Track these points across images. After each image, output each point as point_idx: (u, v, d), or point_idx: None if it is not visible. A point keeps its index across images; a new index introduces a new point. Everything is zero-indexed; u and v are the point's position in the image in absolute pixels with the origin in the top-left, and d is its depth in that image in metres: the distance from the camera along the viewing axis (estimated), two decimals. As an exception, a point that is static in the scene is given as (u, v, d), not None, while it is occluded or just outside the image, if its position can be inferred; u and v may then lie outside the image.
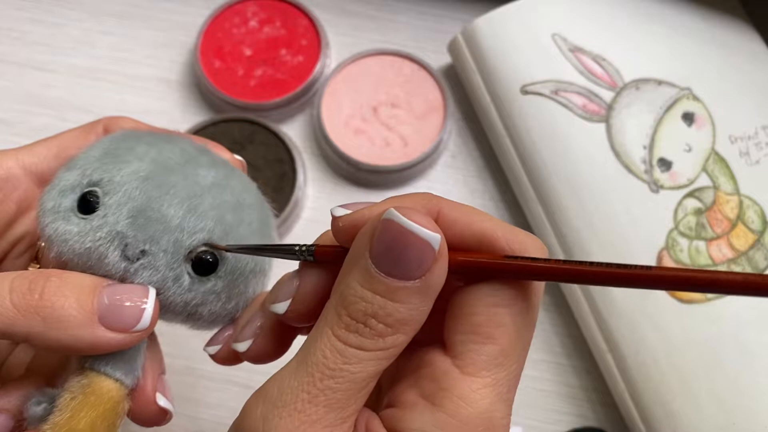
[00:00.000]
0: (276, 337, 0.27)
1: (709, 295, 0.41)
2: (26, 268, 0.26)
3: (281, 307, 0.25)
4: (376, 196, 0.49)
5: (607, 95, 0.45)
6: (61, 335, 0.23)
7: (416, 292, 0.21)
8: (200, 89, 0.52)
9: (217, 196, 0.26)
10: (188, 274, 0.26)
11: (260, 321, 0.27)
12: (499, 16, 0.47)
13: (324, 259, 0.25)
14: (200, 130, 0.48)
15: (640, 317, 0.41)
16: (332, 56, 0.53)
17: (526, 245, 0.22)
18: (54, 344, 0.23)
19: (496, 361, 0.22)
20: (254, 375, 0.43)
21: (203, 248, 0.26)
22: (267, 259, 0.28)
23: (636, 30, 0.47)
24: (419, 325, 0.22)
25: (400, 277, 0.21)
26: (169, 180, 0.26)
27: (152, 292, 0.25)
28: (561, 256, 0.44)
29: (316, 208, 0.48)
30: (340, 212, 0.24)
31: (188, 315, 0.27)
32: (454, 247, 0.22)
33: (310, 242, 0.26)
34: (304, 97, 0.50)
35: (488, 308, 0.22)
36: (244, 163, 0.31)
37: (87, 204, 0.25)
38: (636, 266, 0.20)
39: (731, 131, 0.45)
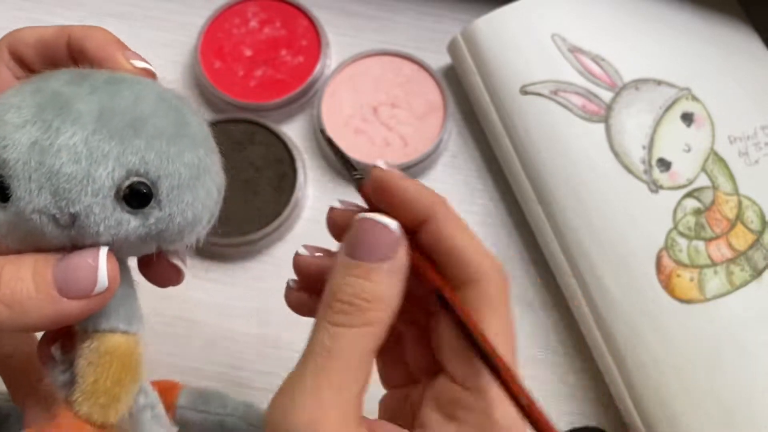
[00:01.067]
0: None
1: (709, 295, 0.41)
2: None
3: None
4: (377, 196, 0.49)
5: (607, 95, 0.45)
6: (27, 318, 0.24)
7: (387, 272, 0.25)
8: (201, 89, 0.52)
9: (109, 125, 0.24)
10: (128, 212, 0.24)
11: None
12: (499, 17, 0.48)
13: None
14: (201, 131, 0.48)
15: (640, 317, 0.41)
16: (332, 56, 0.53)
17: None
18: (24, 327, 0.24)
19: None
20: (256, 375, 0.44)
21: (128, 182, 0.24)
22: (200, 155, 0.26)
23: (635, 30, 0.47)
24: (393, 305, 0.25)
25: (372, 260, 0.25)
26: (53, 135, 0.24)
27: (102, 251, 0.24)
28: (560, 256, 0.44)
29: (317, 208, 0.49)
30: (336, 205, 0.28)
31: (156, 245, 0.26)
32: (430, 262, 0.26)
33: (310, 243, 0.29)
34: (304, 98, 0.50)
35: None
36: (151, 69, 0.28)
37: (1, 190, 0.24)
38: None
39: (730, 131, 0.45)
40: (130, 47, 0.59)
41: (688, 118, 0.45)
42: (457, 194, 0.49)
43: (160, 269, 0.27)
